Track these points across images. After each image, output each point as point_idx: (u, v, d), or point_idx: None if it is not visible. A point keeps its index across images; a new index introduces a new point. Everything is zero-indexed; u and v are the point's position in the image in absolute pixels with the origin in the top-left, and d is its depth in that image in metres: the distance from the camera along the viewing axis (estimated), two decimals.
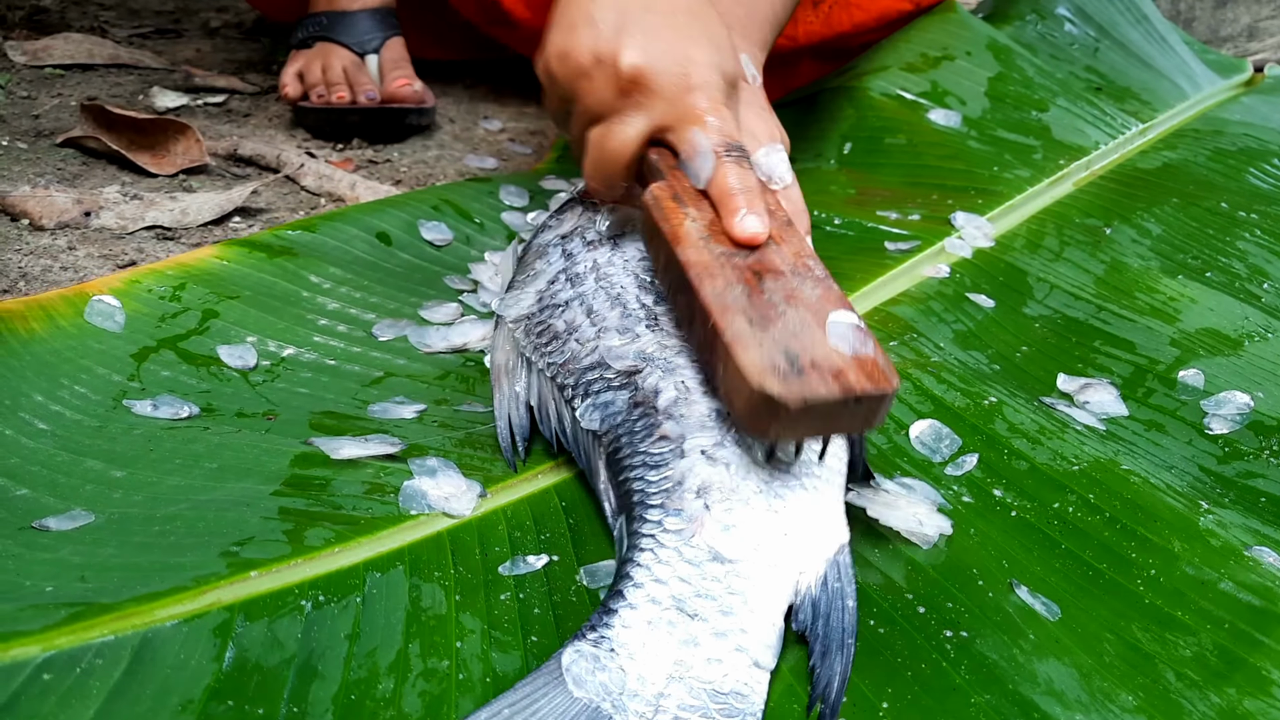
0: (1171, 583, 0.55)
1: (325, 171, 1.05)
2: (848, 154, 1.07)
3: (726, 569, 0.49)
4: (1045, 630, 0.50)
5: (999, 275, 0.87)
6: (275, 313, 0.76)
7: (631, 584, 0.48)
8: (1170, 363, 0.76)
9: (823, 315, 0.53)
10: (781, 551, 0.50)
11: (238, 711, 0.44)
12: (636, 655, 0.45)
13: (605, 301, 0.63)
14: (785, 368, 0.50)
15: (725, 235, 0.59)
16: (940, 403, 0.69)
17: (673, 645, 0.46)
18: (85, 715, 0.42)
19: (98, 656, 0.44)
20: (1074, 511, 0.60)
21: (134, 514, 0.55)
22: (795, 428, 0.50)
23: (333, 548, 0.53)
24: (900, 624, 0.51)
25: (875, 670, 0.49)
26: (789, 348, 0.51)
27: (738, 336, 0.52)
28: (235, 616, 0.48)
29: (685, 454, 0.54)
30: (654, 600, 0.47)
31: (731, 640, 0.47)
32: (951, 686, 0.47)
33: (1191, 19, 1.57)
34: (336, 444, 0.61)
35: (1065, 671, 0.48)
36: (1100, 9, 1.30)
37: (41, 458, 0.59)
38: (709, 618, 0.47)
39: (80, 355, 0.68)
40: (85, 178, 1.03)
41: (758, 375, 0.50)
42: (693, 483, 0.52)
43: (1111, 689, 0.47)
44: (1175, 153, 1.10)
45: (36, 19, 1.49)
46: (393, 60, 1.24)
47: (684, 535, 0.50)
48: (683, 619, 0.47)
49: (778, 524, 0.51)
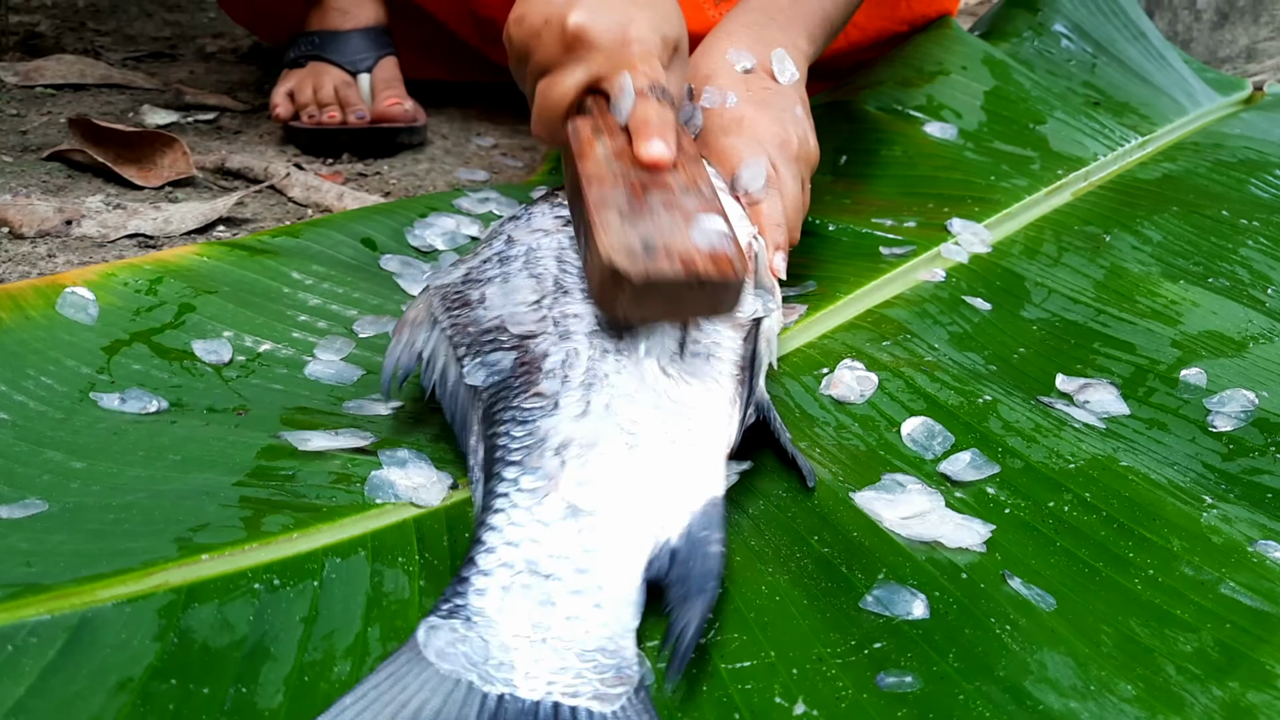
0: (1171, 582, 0.52)
1: (313, 183, 1.03)
2: (843, 165, 1.05)
3: (581, 525, 0.48)
4: (1039, 620, 0.48)
5: (996, 280, 0.85)
6: (254, 308, 0.74)
7: (484, 549, 0.47)
8: (1172, 363, 0.73)
9: (693, 218, 0.56)
10: (639, 505, 0.49)
11: (181, 690, 0.41)
12: (494, 623, 0.44)
13: (524, 278, 0.63)
14: (638, 249, 0.54)
15: (630, 159, 0.62)
16: (933, 400, 0.67)
17: (530, 608, 0.45)
18: (15, 693, 0.40)
19: (32, 635, 0.42)
20: (1070, 510, 0.57)
21: (89, 503, 0.53)
22: (642, 306, 0.54)
23: (291, 534, 0.51)
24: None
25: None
26: (648, 236, 0.55)
27: (604, 223, 0.55)
28: (183, 598, 0.46)
29: (555, 411, 0.53)
30: (507, 565, 0.46)
31: (589, 598, 0.45)
32: (940, 675, 0.45)
33: (1189, 40, 1.57)
34: (305, 436, 0.59)
35: (1060, 660, 0.45)
36: (1097, 26, 1.30)
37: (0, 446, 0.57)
38: (564, 577, 0.46)
39: (49, 347, 0.66)
40: (70, 190, 1.02)
41: (608, 251, 0.53)
42: (554, 440, 0.52)
43: (1109, 678, 0.44)
44: (1175, 164, 1.08)
45: (31, 43, 1.50)
46: (385, 80, 1.23)
47: (537, 494, 0.49)
48: (538, 580, 0.46)
49: (637, 478, 0.50)
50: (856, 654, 0.46)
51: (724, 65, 0.81)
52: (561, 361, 0.56)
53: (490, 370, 0.58)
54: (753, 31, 0.84)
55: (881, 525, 0.54)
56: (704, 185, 0.61)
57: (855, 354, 0.71)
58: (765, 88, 0.79)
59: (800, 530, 0.54)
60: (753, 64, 0.81)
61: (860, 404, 0.66)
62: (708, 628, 0.47)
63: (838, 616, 0.48)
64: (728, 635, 0.47)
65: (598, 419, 0.53)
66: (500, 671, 0.42)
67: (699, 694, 0.43)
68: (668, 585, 0.47)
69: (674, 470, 0.52)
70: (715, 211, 0.58)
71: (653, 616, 0.47)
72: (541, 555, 0.46)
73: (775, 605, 0.49)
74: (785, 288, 0.80)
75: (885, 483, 0.57)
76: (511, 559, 0.46)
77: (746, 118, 0.77)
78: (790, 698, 0.43)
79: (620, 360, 0.56)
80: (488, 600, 0.45)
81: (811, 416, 0.65)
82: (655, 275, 0.53)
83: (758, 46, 0.82)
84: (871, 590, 0.49)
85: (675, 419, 0.54)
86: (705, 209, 0.57)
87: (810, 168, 0.80)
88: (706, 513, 0.50)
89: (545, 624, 0.44)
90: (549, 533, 0.47)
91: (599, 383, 0.55)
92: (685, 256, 0.54)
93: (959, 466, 0.60)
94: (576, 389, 0.54)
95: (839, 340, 0.74)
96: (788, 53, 0.82)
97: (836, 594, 0.50)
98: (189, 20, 1.78)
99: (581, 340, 0.57)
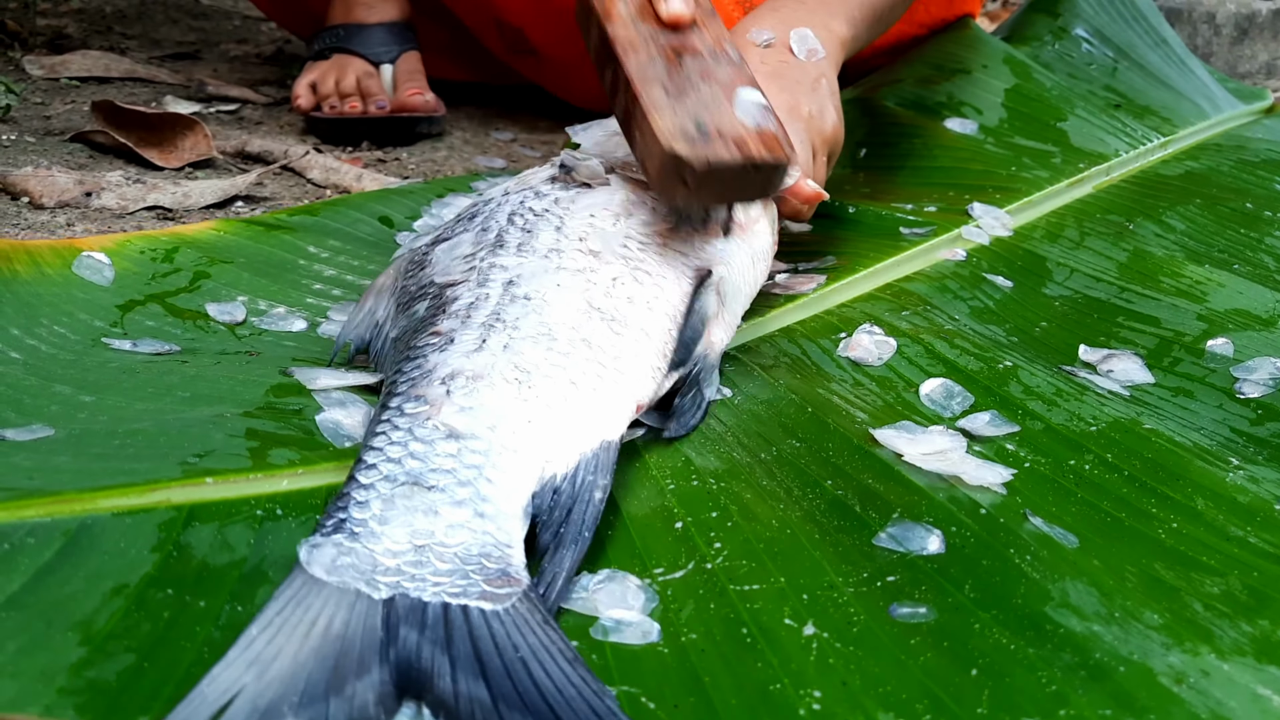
0: (1195, 533, 0.50)
1: (331, 164, 1.03)
2: (862, 158, 1.05)
3: (460, 445, 0.47)
4: (1061, 553, 0.46)
5: (1017, 260, 0.83)
6: (269, 276, 0.74)
7: (364, 466, 0.46)
8: (1197, 335, 0.72)
9: (732, 92, 0.59)
10: (524, 436, 0.49)
11: (177, 600, 0.40)
12: (376, 533, 0.43)
13: (472, 234, 0.63)
14: (694, 133, 0.56)
15: (653, 18, 0.64)
16: (952, 365, 0.65)
17: (411, 518, 0.44)
18: (9, 588, 0.39)
19: (30, 535, 0.41)
20: (1090, 470, 0.55)
21: (95, 430, 0.52)
22: (700, 192, 0.57)
23: (296, 469, 0.50)
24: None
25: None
26: (699, 116, 0.57)
27: (655, 103, 0.58)
28: (184, 516, 0.45)
29: (449, 347, 0.53)
30: (388, 478, 0.45)
31: (470, 507, 0.45)
32: (955, 606, 0.43)
33: (1209, 54, 1.56)
34: (314, 374, 0.58)
35: (1083, 589, 0.44)
36: (1119, 31, 1.29)
37: (9, 380, 0.56)
38: (446, 488, 0.45)
39: (64, 301, 0.66)
40: (91, 169, 1.03)
41: (668, 138, 0.56)
42: (441, 372, 0.51)
43: (1134, 607, 0.43)
44: (1198, 162, 1.08)
45: (58, 43, 1.51)
46: (407, 72, 1.24)
47: (418, 418, 0.49)
48: (419, 491, 0.45)
49: (523, 410, 0.50)
50: (869, 585, 0.44)
51: (743, 43, 0.80)
52: (469, 304, 0.56)
53: (410, 320, 0.58)
54: (780, 15, 0.84)
55: (902, 461, 0.53)
56: (728, 45, 0.64)
57: (874, 321, 0.70)
58: (782, 60, 0.79)
59: (814, 475, 0.53)
60: (773, 38, 0.80)
61: (878, 366, 0.65)
62: (715, 554, 0.46)
63: (850, 551, 0.47)
64: (735, 562, 0.45)
65: (490, 355, 0.52)
66: (386, 577, 0.41)
67: (706, 611, 0.42)
68: (541, 526, 0.46)
69: (568, 410, 0.51)
70: (748, 82, 0.60)
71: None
72: (423, 470, 0.46)
73: (786, 537, 0.47)
74: (803, 260, 0.80)
75: (906, 425, 0.56)
76: (392, 472, 0.46)
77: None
78: (800, 619, 0.42)
79: (529, 304, 0.56)
80: (369, 511, 0.44)
81: (827, 374, 0.64)
82: (715, 162, 0.55)
83: (781, 27, 0.82)
84: (886, 528, 0.48)
85: (585, 362, 0.54)
86: (739, 79, 0.60)
87: (825, 141, 0.78)
88: (597, 456, 0.49)
89: (427, 530, 0.43)
90: (429, 450, 0.47)
91: (501, 325, 0.54)
92: (738, 139, 0.56)
93: (978, 424, 0.59)
94: (475, 328, 0.54)
95: (857, 309, 0.73)
96: (815, 33, 0.82)
97: (850, 531, 0.48)
98: (214, 27, 1.80)
99: (495, 286, 0.57)
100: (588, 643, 0.41)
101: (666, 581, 0.45)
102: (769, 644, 0.41)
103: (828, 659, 0.41)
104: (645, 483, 0.52)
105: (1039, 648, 0.41)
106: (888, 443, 0.54)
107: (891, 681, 0.40)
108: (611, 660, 0.41)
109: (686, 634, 0.42)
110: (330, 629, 0.39)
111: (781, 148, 0.57)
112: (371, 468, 0.46)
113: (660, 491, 0.51)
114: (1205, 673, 0.40)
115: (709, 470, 0.53)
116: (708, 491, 0.51)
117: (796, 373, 0.64)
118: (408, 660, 0.38)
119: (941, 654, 0.41)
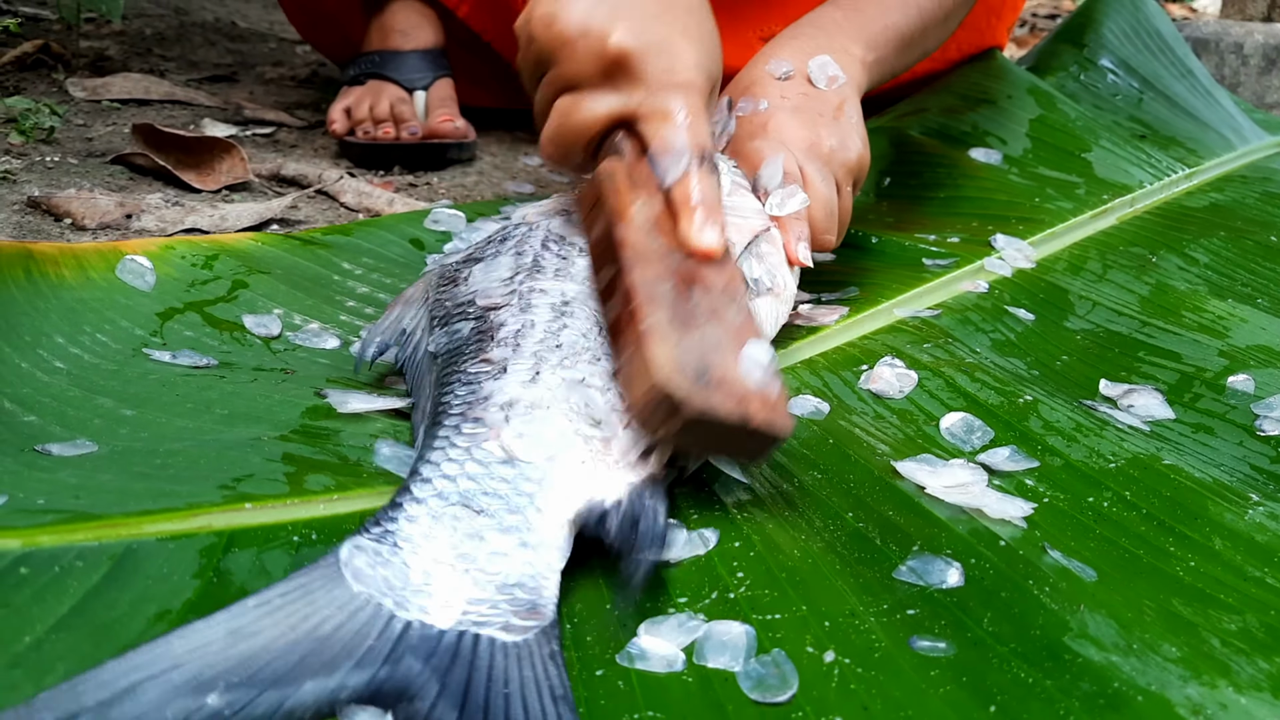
0: (1213, 572, 0.51)
1: (364, 189, 1.06)
2: (886, 186, 1.06)
3: (516, 471, 0.48)
4: (1079, 585, 0.47)
5: (1039, 293, 0.84)
6: (304, 290, 0.76)
7: (419, 479, 0.47)
8: (1219, 371, 0.73)
9: (740, 341, 0.53)
10: (580, 470, 0.49)
11: None
12: (420, 549, 0.44)
13: (508, 257, 0.63)
14: (694, 373, 0.50)
15: (670, 236, 0.59)
16: (973, 399, 0.66)
17: (457, 539, 0.45)
18: (59, 610, 0.40)
19: (79, 559, 0.43)
20: (1109, 507, 0.56)
21: (137, 447, 0.54)
22: (683, 436, 0.50)
23: (331, 495, 0.52)
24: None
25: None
26: (703, 357, 0.51)
27: (655, 328, 0.52)
28: (224, 542, 0.46)
29: (502, 376, 0.53)
30: (440, 495, 0.46)
31: (516, 536, 0.45)
32: (975, 641, 0.44)
33: (1236, 84, 1.56)
34: (345, 397, 0.60)
35: (1102, 620, 0.44)
36: (1145, 62, 1.30)
37: (54, 391, 0.58)
38: (495, 514, 0.46)
39: (106, 307, 0.68)
40: (131, 191, 1.05)
41: (665, 370, 0.49)
42: (500, 399, 0.52)
43: (1153, 640, 0.43)
44: (1223, 194, 1.08)
45: (99, 65, 1.55)
46: (439, 98, 1.26)
47: (477, 439, 0.50)
48: (468, 514, 0.46)
49: (580, 444, 0.50)
50: (890, 616, 0.45)
51: (764, 76, 0.80)
52: (516, 332, 0.56)
53: (451, 338, 0.58)
54: (798, 43, 0.83)
55: (923, 494, 0.54)
56: (740, 290, 0.59)
57: (895, 353, 0.71)
58: (802, 93, 0.79)
59: (835, 507, 0.54)
60: (791, 69, 0.80)
61: (899, 399, 0.66)
62: (738, 583, 0.47)
63: (871, 583, 0.48)
64: (758, 591, 0.46)
65: (545, 388, 0.53)
66: (417, 598, 0.42)
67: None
68: (607, 538, 0.47)
69: (619, 445, 0.51)
70: (756, 335, 0.55)
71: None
72: (475, 491, 0.47)
73: (808, 567, 0.48)
74: (826, 291, 0.81)
75: (927, 457, 0.57)
76: (445, 490, 0.47)
77: (773, 121, 0.76)
78: (821, 646, 0.43)
79: (575, 330, 0.56)
80: (416, 527, 0.45)
81: (849, 407, 0.65)
82: (710, 412, 0.49)
83: (799, 56, 0.82)
84: (906, 561, 0.49)
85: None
86: (748, 330, 0.55)
87: (848, 171, 0.78)
88: (646, 485, 0.50)
89: (471, 555, 0.44)
90: (485, 472, 0.48)
91: (552, 354, 0.55)
92: (741, 396, 0.50)
93: (997, 459, 0.60)
94: (527, 358, 0.55)
95: (879, 341, 0.74)
96: (835, 59, 0.81)
97: (870, 563, 0.49)
98: (250, 49, 1.83)
99: (541, 312, 0.58)
100: (614, 670, 0.43)
101: (694, 611, 0.46)
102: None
103: (849, 684, 0.42)
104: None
105: (1057, 679, 0.42)
106: (910, 475, 0.55)
107: (912, 708, 0.40)
108: (637, 687, 0.42)
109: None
110: (320, 630, 0.39)
111: (782, 419, 0.51)
112: (427, 482, 0.47)
113: (685, 522, 0.53)
114: (1223, 706, 0.41)
115: (731, 501, 0.54)
116: (731, 522, 0.52)
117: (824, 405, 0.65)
118: (398, 682, 0.39)
119: (961, 688, 0.42)
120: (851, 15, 0.86)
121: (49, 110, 1.16)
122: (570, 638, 0.44)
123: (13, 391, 0.57)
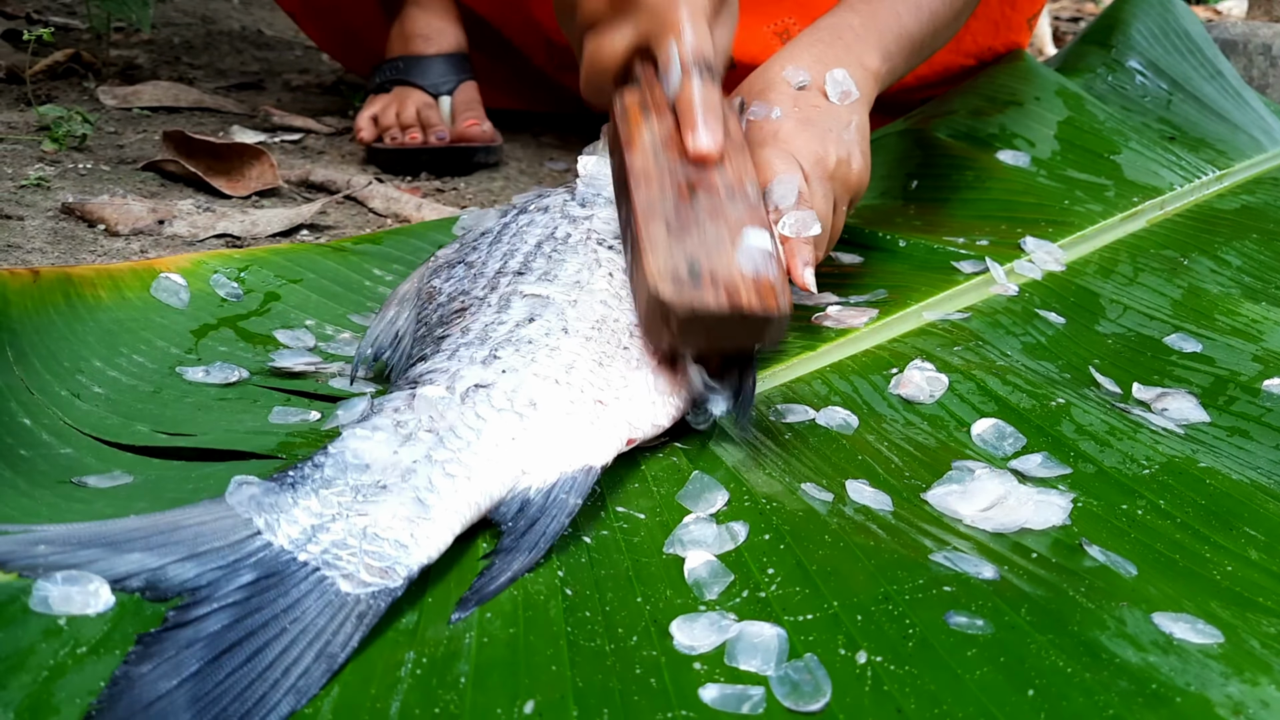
0: (1250, 576, 0.50)
1: (392, 194, 1.06)
2: (914, 190, 1.05)
3: (438, 439, 0.48)
4: (1119, 581, 0.47)
5: (1070, 296, 0.84)
6: (336, 298, 0.76)
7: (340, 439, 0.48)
8: (1254, 375, 0.72)
9: (739, 233, 0.55)
10: (505, 450, 0.49)
11: None
12: (315, 493, 0.45)
13: (498, 255, 0.64)
14: (684, 275, 0.53)
15: (678, 149, 0.61)
16: (1004, 403, 0.66)
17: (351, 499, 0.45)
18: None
19: None
20: (1143, 514, 0.55)
21: (170, 475, 0.54)
22: (684, 337, 0.53)
23: None
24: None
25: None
26: (694, 258, 0.54)
27: (651, 240, 0.55)
28: None
29: (457, 353, 0.55)
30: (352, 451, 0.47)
31: (413, 497, 0.46)
32: (1011, 625, 0.44)
33: (1265, 86, 1.55)
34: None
35: (1140, 616, 0.44)
36: (1173, 64, 1.29)
37: (92, 421, 0.59)
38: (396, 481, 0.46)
39: (142, 327, 0.69)
40: (162, 197, 1.06)
41: (656, 278, 0.53)
42: (443, 378, 0.53)
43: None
44: (1254, 196, 1.07)
45: (129, 73, 1.56)
46: (465, 102, 1.27)
47: (403, 419, 0.50)
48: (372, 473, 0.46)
49: (513, 426, 0.51)
50: (925, 593, 0.45)
51: (779, 81, 0.79)
52: (484, 325, 0.57)
53: (425, 327, 0.59)
54: (816, 50, 0.82)
55: (962, 525, 0.52)
56: (749, 184, 0.60)
57: (925, 356, 0.70)
58: (815, 105, 0.78)
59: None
60: (808, 80, 0.79)
61: (929, 404, 0.66)
62: (768, 580, 0.47)
63: (905, 560, 0.48)
64: (789, 589, 0.46)
65: (495, 372, 0.53)
66: (284, 524, 0.43)
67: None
68: (505, 531, 0.47)
69: (558, 434, 0.51)
70: (759, 223, 0.57)
71: None
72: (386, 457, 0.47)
73: (840, 551, 0.48)
74: (854, 293, 0.81)
75: (954, 473, 0.56)
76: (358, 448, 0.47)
77: (784, 132, 0.75)
78: (853, 647, 0.42)
79: (542, 328, 0.57)
80: (320, 474, 0.46)
81: (879, 414, 0.65)
82: (700, 308, 0.52)
83: (817, 66, 0.80)
84: (941, 550, 0.49)
85: (585, 390, 0.54)
86: (751, 219, 0.57)
87: (848, 190, 0.77)
88: (576, 478, 0.50)
89: (360, 509, 0.45)
90: (406, 445, 0.48)
91: (507, 347, 0.55)
92: (730, 286, 0.53)
93: (1030, 466, 0.59)
94: (486, 345, 0.55)
95: (909, 344, 0.73)
96: (850, 73, 0.80)
97: (905, 546, 0.49)
98: (277, 57, 1.85)
99: (515, 311, 0.58)
100: (648, 665, 0.42)
101: (725, 610, 0.46)
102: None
103: (882, 686, 0.41)
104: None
105: (1095, 673, 0.42)
106: (940, 505, 0.54)
107: (948, 699, 0.40)
108: (670, 685, 0.42)
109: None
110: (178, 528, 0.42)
111: (775, 299, 0.53)
112: (343, 440, 0.48)
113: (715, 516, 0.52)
114: (1265, 704, 0.40)
115: (761, 491, 0.54)
116: (760, 513, 0.52)
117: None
118: (204, 587, 0.40)
119: (998, 670, 0.41)
120: (869, 22, 0.85)
121: (81, 118, 1.17)
122: (603, 625, 0.44)
123: (51, 423, 0.57)
